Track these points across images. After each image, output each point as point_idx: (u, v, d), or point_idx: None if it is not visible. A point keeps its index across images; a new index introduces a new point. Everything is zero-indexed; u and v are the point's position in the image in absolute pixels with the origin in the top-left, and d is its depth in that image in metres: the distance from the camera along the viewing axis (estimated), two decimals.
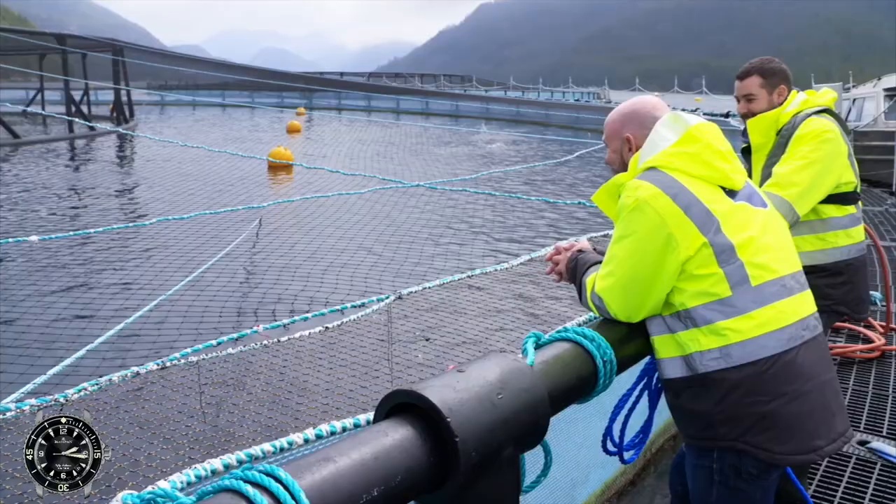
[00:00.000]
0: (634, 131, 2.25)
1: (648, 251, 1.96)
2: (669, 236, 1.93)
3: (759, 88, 3.43)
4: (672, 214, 1.94)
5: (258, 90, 52.37)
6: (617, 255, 2.02)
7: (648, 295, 1.98)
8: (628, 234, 2.00)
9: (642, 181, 2.02)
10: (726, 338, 1.93)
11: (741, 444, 1.95)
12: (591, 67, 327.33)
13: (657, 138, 2.12)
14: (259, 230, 10.73)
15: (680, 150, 2.06)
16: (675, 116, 2.15)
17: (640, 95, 2.39)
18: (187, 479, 1.34)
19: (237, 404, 4.53)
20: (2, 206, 14.18)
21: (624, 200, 2.03)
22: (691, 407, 2.02)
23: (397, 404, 1.20)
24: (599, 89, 75.23)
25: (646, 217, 1.96)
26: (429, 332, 5.44)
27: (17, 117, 29.67)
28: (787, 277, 2.04)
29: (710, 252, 1.94)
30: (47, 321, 7.19)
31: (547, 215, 13.60)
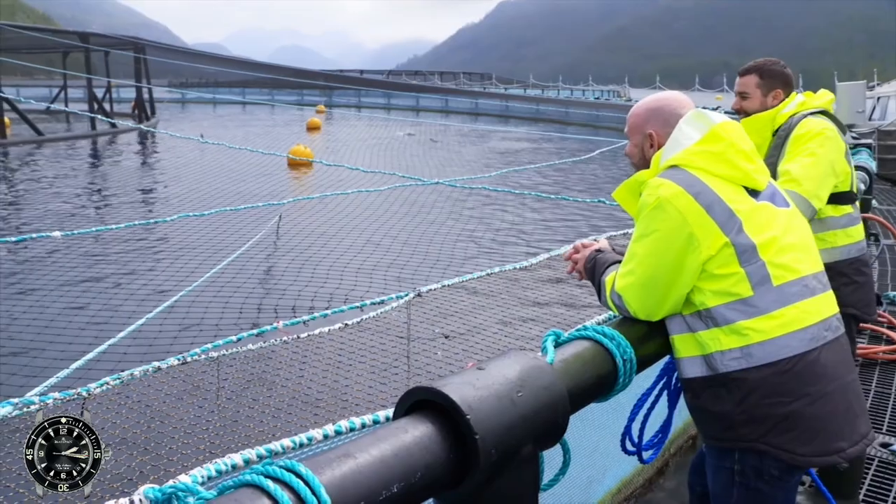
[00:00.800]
0: (658, 128, 2.24)
1: (669, 250, 1.94)
2: (691, 235, 1.92)
3: (754, 88, 3.45)
4: (694, 214, 1.93)
5: (278, 88, 52.60)
6: (637, 253, 2.01)
7: (668, 293, 1.96)
8: (649, 232, 1.98)
9: (664, 179, 2.00)
10: (748, 337, 1.92)
11: (762, 444, 1.94)
12: (610, 65, 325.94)
13: (680, 136, 2.10)
14: (279, 227, 10.78)
15: (703, 148, 2.04)
16: (699, 114, 2.13)
17: (667, 91, 2.36)
18: (208, 474, 1.35)
19: (257, 400, 4.55)
20: (26, 203, 14.34)
21: (645, 198, 2.02)
22: (711, 407, 2.00)
23: (417, 401, 1.20)
24: (620, 87, 74.86)
25: (667, 216, 1.94)
26: (447, 329, 5.44)
27: (41, 115, 29.96)
28: (810, 277, 2.02)
29: (731, 252, 1.92)
30: (70, 316, 7.26)
31: (566, 213, 13.56)
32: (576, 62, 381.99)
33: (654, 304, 1.99)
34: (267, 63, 59.71)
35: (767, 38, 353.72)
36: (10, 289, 8.32)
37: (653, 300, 1.99)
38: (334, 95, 54.82)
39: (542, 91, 69.37)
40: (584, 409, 1.65)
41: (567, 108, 42.81)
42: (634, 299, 2.00)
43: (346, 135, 31.88)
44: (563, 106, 44.55)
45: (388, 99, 52.27)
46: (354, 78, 59.31)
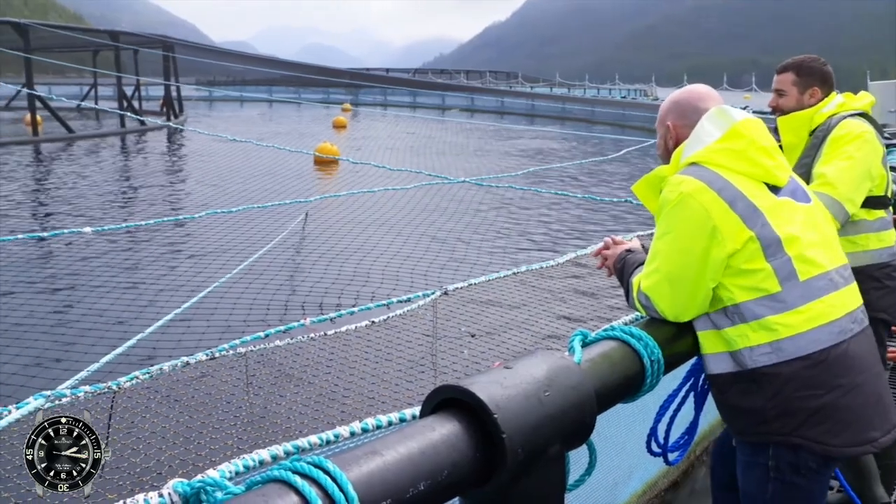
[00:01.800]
0: (674, 120, 2.24)
1: (693, 246, 1.94)
2: (714, 230, 1.91)
3: (790, 86, 3.40)
4: (717, 208, 1.92)
5: (305, 86, 52.81)
6: (661, 251, 2.01)
7: (695, 291, 1.96)
8: (672, 229, 1.98)
9: (685, 176, 2.00)
10: (777, 332, 1.92)
11: (796, 438, 1.93)
12: (637, 64, 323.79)
13: (702, 133, 2.09)
14: (305, 225, 10.83)
15: (724, 146, 2.03)
16: (721, 111, 2.12)
17: (693, 85, 2.34)
18: (235, 469, 1.36)
19: (284, 396, 4.58)
20: (57, 199, 14.54)
21: (667, 195, 2.01)
22: (740, 403, 2.00)
23: (444, 399, 1.21)
24: (647, 86, 74.39)
25: (690, 211, 1.94)
26: (474, 328, 5.44)
27: (71, 112, 30.35)
28: (833, 272, 2.02)
29: (757, 246, 1.92)
30: (100, 311, 7.36)
31: (593, 212, 13.50)
32: (603, 61, 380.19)
33: (682, 303, 1.98)
34: (293, 61, 60.04)
35: (797, 36, 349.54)
36: (42, 283, 8.45)
37: (680, 298, 1.98)
38: (360, 94, 54.97)
39: (568, 90, 69.12)
40: (609, 410, 1.64)
41: (593, 107, 42.57)
42: (662, 298, 1.99)
43: (371, 133, 31.96)
44: (590, 105, 44.31)
45: (414, 97, 52.31)
46: (380, 76, 59.46)
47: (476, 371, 1.67)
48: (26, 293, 8.02)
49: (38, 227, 11.65)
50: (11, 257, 9.45)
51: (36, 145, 23.68)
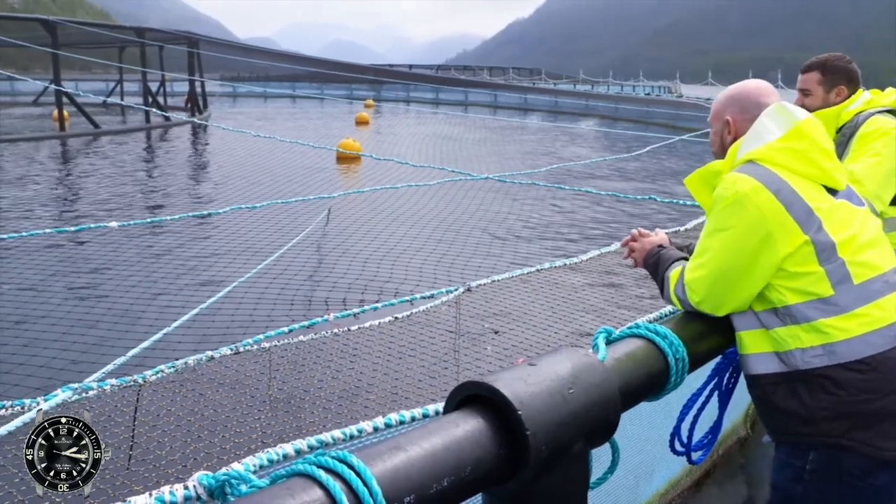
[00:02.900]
0: (735, 114, 2.20)
1: (745, 247, 1.91)
2: (769, 234, 1.89)
3: (816, 85, 3.36)
4: (773, 211, 1.90)
5: (328, 82, 52.96)
6: (711, 247, 1.98)
7: (738, 290, 1.94)
8: (725, 227, 1.95)
9: (742, 174, 1.97)
10: (830, 336, 1.89)
11: (846, 440, 1.90)
12: (661, 61, 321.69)
13: (761, 129, 2.05)
14: (328, 220, 10.87)
15: (785, 145, 1.99)
16: (782, 108, 2.08)
17: (748, 79, 2.32)
18: (260, 463, 1.37)
19: (307, 391, 4.60)
20: (84, 193, 14.70)
21: (721, 192, 1.98)
22: (784, 404, 1.97)
23: (468, 396, 1.21)
24: (671, 83, 73.87)
25: (745, 212, 1.91)
26: (497, 324, 5.43)
27: (97, 108, 30.65)
28: (890, 273, 1.99)
29: (811, 250, 1.90)
30: (126, 305, 7.42)
31: (617, 209, 13.43)
32: (627, 57, 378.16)
33: (721, 300, 1.97)
34: (317, 57, 60.24)
35: (824, 32, 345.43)
36: (69, 277, 8.54)
37: (721, 296, 1.96)
38: (383, 90, 55.03)
39: (591, 87, 68.77)
40: (632, 408, 1.64)
41: (617, 104, 42.31)
42: (702, 293, 1.98)
43: (395, 129, 32.01)
44: (613, 102, 44.04)
45: (437, 94, 52.27)
46: (404, 73, 59.45)
47: (500, 368, 1.67)
48: (54, 287, 8.12)
49: (65, 222, 11.79)
50: (39, 251, 9.57)
51: (63, 140, 23.96)
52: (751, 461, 4.88)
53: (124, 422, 3.69)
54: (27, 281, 8.24)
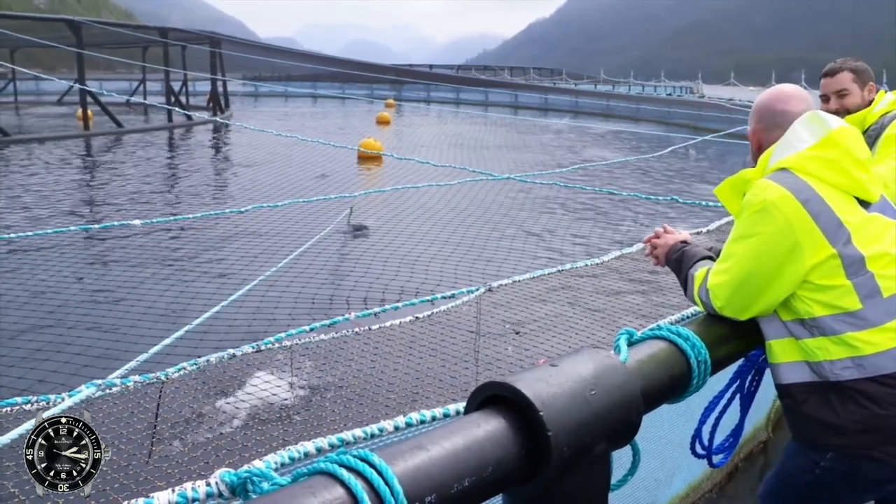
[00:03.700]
0: (755, 124, 2.19)
1: (770, 256, 1.89)
2: (795, 244, 1.86)
3: (851, 83, 3.32)
4: (801, 221, 1.87)
5: (349, 82, 53.13)
6: (736, 253, 1.96)
7: (761, 298, 1.92)
8: (751, 234, 1.93)
9: (772, 182, 1.94)
10: (859, 349, 1.86)
11: (877, 452, 1.88)
12: (682, 61, 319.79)
13: (793, 138, 2.02)
14: (350, 219, 10.90)
15: (817, 153, 1.96)
16: (815, 116, 2.04)
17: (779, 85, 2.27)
18: (281, 460, 1.37)
19: (328, 389, 4.62)
20: (107, 192, 14.84)
21: (750, 198, 1.95)
22: (815, 413, 1.95)
23: (489, 396, 1.21)
24: (692, 83, 73.37)
25: (773, 220, 1.88)
26: (518, 325, 5.42)
27: (121, 107, 30.95)
28: None
29: (838, 263, 1.86)
30: (149, 302, 7.48)
31: (638, 210, 13.37)
32: (648, 57, 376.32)
33: (744, 305, 1.95)
34: (338, 57, 60.40)
35: (847, 32, 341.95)
36: (92, 275, 8.63)
37: (744, 301, 1.94)
38: (404, 90, 55.13)
39: (612, 87, 68.47)
40: (652, 411, 1.63)
41: (638, 105, 42.09)
42: (725, 298, 1.96)
43: (415, 129, 32.05)
44: (635, 102, 43.81)
45: (458, 94, 52.26)
46: (424, 72, 59.47)
47: (520, 368, 1.66)
48: (78, 284, 8.21)
49: (89, 219, 11.91)
50: (64, 248, 9.68)
51: (87, 139, 24.21)
52: (772, 465, 4.84)
53: (147, 418, 3.73)
54: (52, 278, 8.34)
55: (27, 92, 44.62)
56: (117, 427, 3.60)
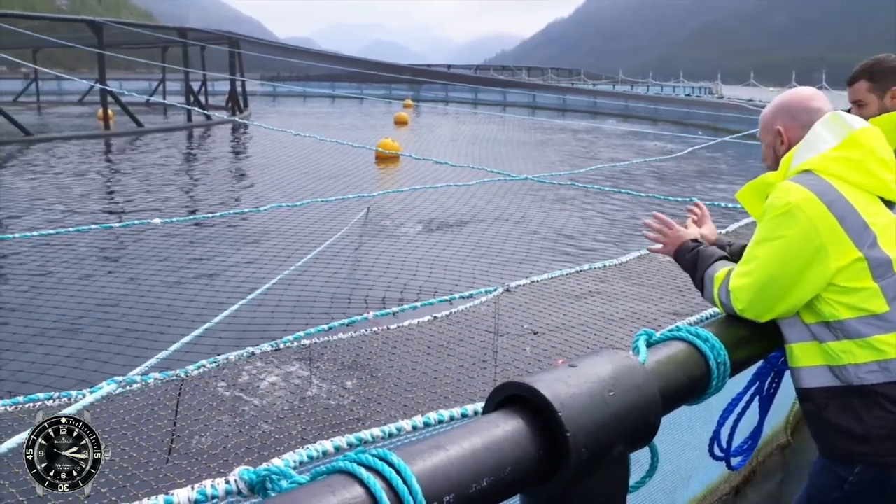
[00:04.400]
0: (785, 123, 2.14)
1: (794, 259, 1.86)
2: (820, 248, 1.83)
3: (866, 93, 3.24)
4: (826, 224, 1.84)
5: (367, 82, 53.29)
6: (759, 256, 1.93)
7: (783, 301, 1.89)
8: (775, 237, 1.90)
9: (796, 184, 1.91)
10: (885, 353, 1.84)
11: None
12: (700, 61, 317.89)
13: (815, 139, 1.99)
14: (366, 219, 10.92)
15: (840, 154, 1.93)
16: (837, 117, 2.02)
17: (797, 87, 2.26)
18: (299, 459, 1.37)
19: (346, 388, 4.63)
20: (127, 190, 14.96)
21: (773, 201, 1.93)
22: (838, 419, 1.92)
23: (508, 396, 1.21)
24: (712, 84, 72.96)
25: (797, 223, 1.86)
26: (536, 325, 5.40)
27: (140, 107, 31.20)
28: None
29: (864, 266, 1.84)
30: (169, 300, 7.54)
31: (657, 212, 13.29)
32: (666, 57, 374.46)
33: (765, 308, 1.92)
34: (356, 57, 60.57)
35: (868, 31, 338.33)
36: (113, 272, 8.70)
37: (765, 304, 1.91)
38: (422, 90, 55.18)
39: (631, 87, 68.20)
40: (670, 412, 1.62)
41: (657, 105, 41.88)
42: (746, 300, 1.93)
43: (433, 129, 32.06)
44: (653, 103, 43.59)
45: (476, 94, 52.25)
46: (442, 73, 59.50)
47: (538, 369, 1.66)
48: (99, 282, 8.28)
49: (110, 218, 12.01)
50: (85, 247, 9.77)
51: (107, 138, 24.42)
52: (791, 468, 4.81)
53: (167, 415, 3.75)
54: (73, 275, 8.43)
55: (49, 92, 45.08)
56: (137, 424, 3.62)
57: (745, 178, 2.15)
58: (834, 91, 60.67)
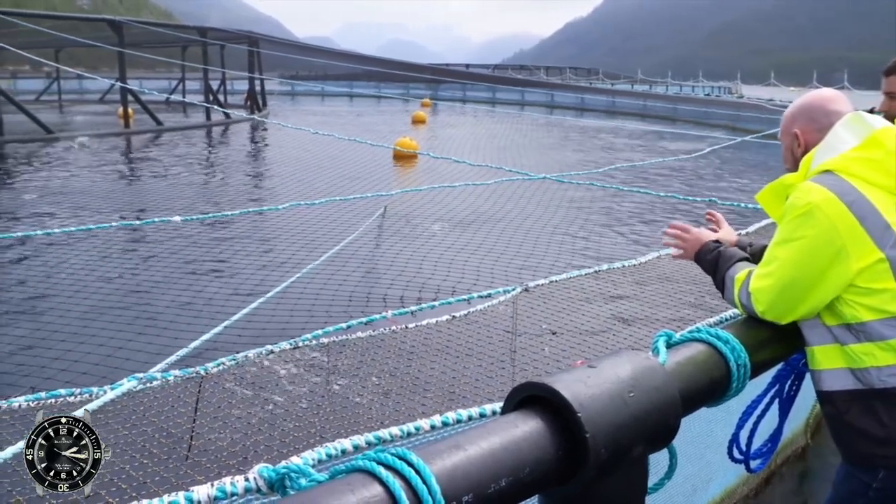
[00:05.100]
0: (803, 125, 2.13)
1: (815, 260, 1.85)
2: (841, 248, 1.82)
3: None
4: (846, 225, 1.82)
5: (385, 81, 53.36)
6: (779, 257, 1.92)
7: (805, 302, 1.88)
8: (795, 238, 1.88)
9: (816, 184, 1.89)
10: None
11: None
12: (720, 60, 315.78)
13: (835, 140, 1.97)
14: (384, 218, 10.94)
15: (861, 155, 1.91)
16: (857, 117, 2.00)
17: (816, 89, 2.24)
18: (318, 457, 1.38)
19: (365, 387, 4.64)
20: (147, 188, 15.07)
21: (793, 201, 1.91)
22: (860, 423, 1.90)
23: (527, 396, 1.20)
24: (731, 84, 72.47)
25: (817, 224, 1.84)
26: (554, 325, 5.39)
27: (160, 105, 31.43)
28: None
29: (886, 267, 1.82)
30: (189, 297, 7.59)
31: (676, 210, 13.23)
32: (685, 57, 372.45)
33: (786, 309, 1.90)
34: (374, 56, 60.70)
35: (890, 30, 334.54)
36: (133, 270, 8.78)
37: (786, 305, 1.90)
38: (440, 89, 55.19)
39: (649, 87, 67.89)
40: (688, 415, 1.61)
41: (675, 105, 41.61)
42: (767, 302, 1.91)
43: (451, 128, 32.06)
44: (672, 102, 43.33)
45: (494, 93, 52.19)
46: (460, 72, 59.48)
47: (557, 369, 1.66)
48: (119, 279, 8.36)
49: (130, 215, 12.11)
50: (106, 244, 9.86)
51: (127, 136, 24.63)
52: (810, 471, 4.77)
53: (187, 412, 3.78)
54: (94, 273, 8.50)
55: (70, 91, 45.52)
56: (157, 420, 3.66)
57: (765, 179, 2.12)
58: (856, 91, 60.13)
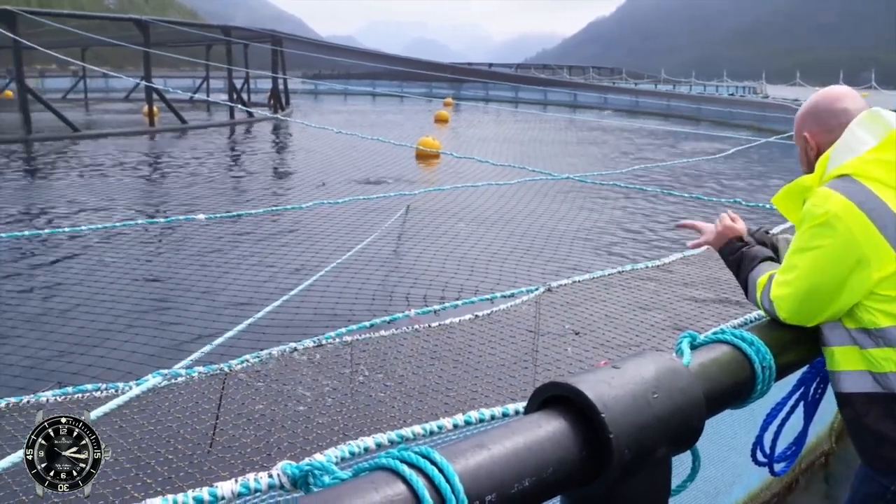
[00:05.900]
0: (812, 128, 2.08)
1: (834, 269, 1.81)
2: (861, 258, 1.78)
3: None
4: (867, 234, 1.78)
5: (408, 80, 53.41)
6: (798, 265, 1.88)
7: (827, 308, 1.85)
8: (813, 247, 1.85)
9: (833, 191, 1.84)
10: None
11: None
12: (745, 60, 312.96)
13: (852, 140, 1.91)
14: (406, 217, 10.95)
15: (880, 156, 1.85)
16: (874, 115, 1.93)
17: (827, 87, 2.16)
18: (341, 455, 1.38)
19: (388, 385, 4.65)
20: (172, 186, 15.19)
21: (811, 209, 1.87)
22: (879, 426, 1.87)
23: (550, 396, 1.20)
24: (756, 83, 71.80)
25: (836, 233, 1.80)
26: (577, 326, 5.38)
27: (185, 104, 31.68)
28: None
29: None
30: (213, 295, 7.64)
31: (701, 212, 13.13)
32: (709, 57, 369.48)
33: (809, 315, 1.88)
34: (397, 55, 60.73)
35: None
36: (158, 267, 8.86)
37: (809, 312, 1.87)
38: (462, 88, 55.15)
39: (673, 86, 67.42)
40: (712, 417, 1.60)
41: (699, 105, 41.25)
42: (789, 309, 1.89)
43: (474, 127, 32.03)
44: (696, 102, 42.94)
45: (516, 92, 52.06)
46: (483, 71, 59.38)
47: (580, 369, 1.65)
48: (145, 276, 8.44)
49: (155, 213, 12.22)
50: (130, 241, 9.96)
51: (152, 135, 24.85)
52: (834, 476, 4.72)
53: (210, 409, 3.81)
54: (120, 269, 8.59)
55: (96, 89, 46.04)
56: (182, 416, 3.69)
57: (790, 180, 2.09)
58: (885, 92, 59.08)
